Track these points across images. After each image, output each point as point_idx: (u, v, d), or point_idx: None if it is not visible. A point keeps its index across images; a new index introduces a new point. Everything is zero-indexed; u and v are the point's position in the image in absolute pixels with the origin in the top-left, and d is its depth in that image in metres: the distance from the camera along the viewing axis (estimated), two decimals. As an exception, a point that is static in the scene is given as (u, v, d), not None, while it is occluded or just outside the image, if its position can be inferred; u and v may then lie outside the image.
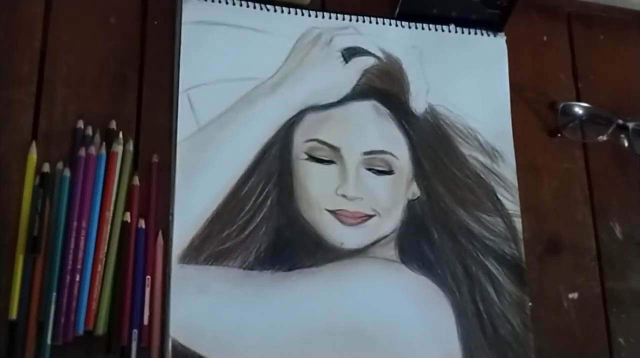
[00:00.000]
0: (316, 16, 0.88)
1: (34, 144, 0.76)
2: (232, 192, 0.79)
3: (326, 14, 0.88)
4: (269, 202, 0.80)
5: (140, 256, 0.75)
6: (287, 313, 0.77)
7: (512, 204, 0.87)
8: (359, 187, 0.82)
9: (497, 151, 0.89)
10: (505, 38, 0.94)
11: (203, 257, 0.77)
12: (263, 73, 0.84)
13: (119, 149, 0.77)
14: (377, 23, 0.90)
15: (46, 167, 0.75)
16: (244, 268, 0.77)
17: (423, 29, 0.91)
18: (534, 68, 0.95)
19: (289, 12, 0.87)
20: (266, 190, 0.80)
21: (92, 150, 0.76)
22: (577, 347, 0.85)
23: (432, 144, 0.87)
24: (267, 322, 0.76)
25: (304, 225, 0.80)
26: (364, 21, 0.89)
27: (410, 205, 0.84)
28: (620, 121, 0.93)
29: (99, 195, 0.75)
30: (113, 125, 0.78)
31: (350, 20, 0.89)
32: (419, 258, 0.82)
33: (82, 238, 0.73)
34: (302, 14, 0.87)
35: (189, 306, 0.74)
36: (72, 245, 0.73)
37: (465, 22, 0.93)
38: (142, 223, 0.76)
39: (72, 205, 0.74)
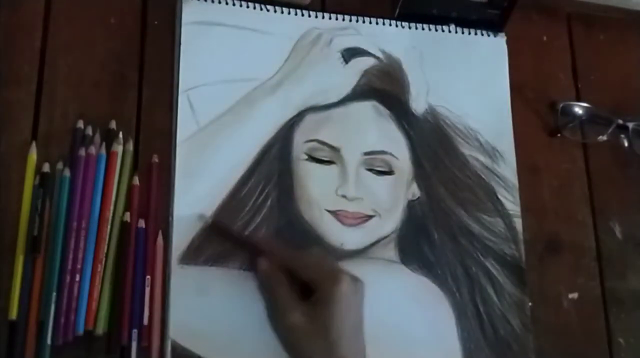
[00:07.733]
0: (316, 16, 0.88)
1: (34, 144, 0.76)
2: (232, 193, 0.79)
3: (326, 15, 0.88)
4: (269, 203, 0.80)
5: (140, 256, 0.75)
6: (287, 314, 0.77)
7: (512, 204, 0.87)
8: (359, 187, 0.82)
9: (497, 151, 0.89)
10: (505, 38, 0.93)
11: (203, 258, 0.77)
12: (263, 74, 0.84)
13: (119, 149, 0.77)
14: (377, 23, 0.89)
15: (46, 167, 0.75)
16: (244, 270, 0.77)
17: (423, 29, 0.91)
18: (534, 68, 0.95)
19: (289, 13, 0.87)
20: (266, 190, 0.80)
21: (92, 150, 0.76)
22: (577, 347, 0.85)
23: (433, 144, 0.87)
24: (267, 323, 0.75)
25: (304, 225, 0.80)
26: (364, 22, 0.89)
27: (411, 205, 0.84)
28: (620, 121, 0.93)
29: (99, 195, 0.75)
30: (113, 125, 0.78)
31: (350, 20, 0.89)
32: (419, 259, 0.82)
33: (82, 238, 0.73)
34: (302, 15, 0.87)
35: (189, 307, 0.74)
36: (72, 245, 0.73)
37: (466, 22, 0.93)
38: (142, 223, 0.76)
39: (72, 205, 0.74)
